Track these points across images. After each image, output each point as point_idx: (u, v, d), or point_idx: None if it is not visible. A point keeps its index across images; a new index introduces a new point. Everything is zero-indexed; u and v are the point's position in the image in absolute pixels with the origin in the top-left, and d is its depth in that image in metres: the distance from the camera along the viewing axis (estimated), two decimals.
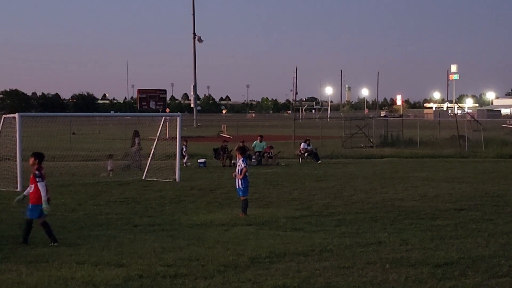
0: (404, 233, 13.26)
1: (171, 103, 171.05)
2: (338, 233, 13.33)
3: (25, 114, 26.13)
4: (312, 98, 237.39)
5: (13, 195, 19.85)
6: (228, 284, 9.27)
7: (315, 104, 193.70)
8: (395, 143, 46.04)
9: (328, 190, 21.07)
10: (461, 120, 50.90)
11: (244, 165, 15.87)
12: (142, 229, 13.90)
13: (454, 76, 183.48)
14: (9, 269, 10.13)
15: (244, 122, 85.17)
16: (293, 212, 16.34)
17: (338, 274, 9.77)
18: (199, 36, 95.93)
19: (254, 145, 34.13)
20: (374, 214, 15.96)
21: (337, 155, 38.69)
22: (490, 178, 25.23)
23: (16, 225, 14.42)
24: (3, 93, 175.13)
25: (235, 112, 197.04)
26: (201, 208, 17.12)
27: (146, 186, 22.47)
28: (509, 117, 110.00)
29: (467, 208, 16.84)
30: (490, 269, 10.03)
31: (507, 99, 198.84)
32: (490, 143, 43.09)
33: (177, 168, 24.81)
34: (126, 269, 10.05)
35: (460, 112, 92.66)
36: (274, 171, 28.77)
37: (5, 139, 23.13)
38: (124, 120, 46.41)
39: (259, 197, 19.14)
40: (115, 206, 17.68)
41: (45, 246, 11.97)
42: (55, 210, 16.84)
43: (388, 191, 20.84)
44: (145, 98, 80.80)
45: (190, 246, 11.96)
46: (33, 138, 31.07)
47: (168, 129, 30.45)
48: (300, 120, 79.40)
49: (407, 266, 10.26)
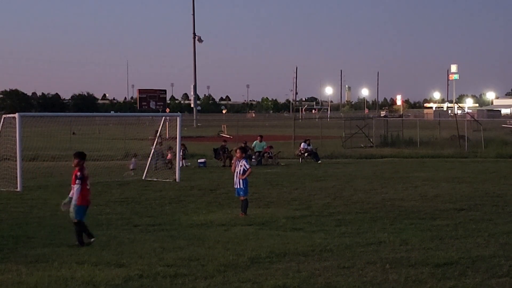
0: (404, 233, 13.26)
1: (171, 103, 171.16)
2: (338, 233, 13.33)
3: (25, 114, 26.11)
4: (312, 98, 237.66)
5: (13, 195, 19.90)
6: (228, 284, 9.27)
7: (315, 104, 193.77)
8: (395, 143, 46.03)
9: (328, 190, 21.06)
10: (461, 120, 50.89)
11: (248, 166, 15.90)
12: (142, 229, 13.89)
13: (454, 76, 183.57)
14: (9, 269, 10.12)
15: (244, 122, 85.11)
16: (293, 212, 16.34)
17: (338, 274, 9.77)
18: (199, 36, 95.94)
19: (254, 145, 34.13)
20: (374, 214, 15.96)
21: (337, 155, 38.67)
22: (490, 178, 25.22)
23: (16, 225, 14.43)
24: (3, 93, 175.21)
25: (235, 112, 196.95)
26: (201, 208, 17.12)
27: (146, 186, 22.47)
28: (509, 117, 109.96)
29: (467, 208, 16.83)
30: (490, 269, 10.03)
31: (507, 99, 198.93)
32: (490, 143, 43.07)
33: (177, 168, 24.81)
34: (126, 269, 10.05)
35: (460, 112, 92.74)
36: (274, 171, 28.77)
37: (5, 139, 23.12)
38: (124, 120, 46.37)
39: (259, 197, 19.14)
40: (115, 206, 17.68)
41: (45, 246, 11.97)
42: (55, 210, 16.86)
43: (388, 191, 20.84)
44: (145, 98, 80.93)
45: (190, 246, 11.96)
46: (33, 138, 31.12)
47: (168, 129, 30.47)
48: (300, 120, 79.40)
49: (407, 266, 10.26)
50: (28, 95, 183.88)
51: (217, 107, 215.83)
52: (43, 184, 22.97)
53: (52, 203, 18.08)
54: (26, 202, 18.35)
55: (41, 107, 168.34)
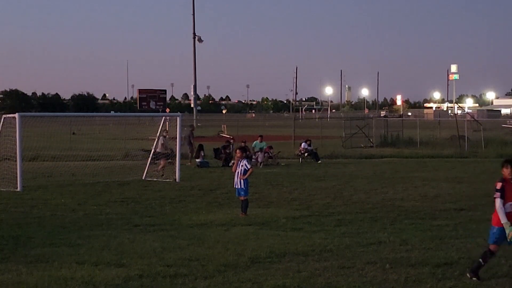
0: (404, 233, 13.26)
1: (171, 103, 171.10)
2: (338, 233, 13.33)
3: (25, 114, 26.12)
4: (312, 98, 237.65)
5: (13, 195, 19.89)
6: (228, 284, 9.27)
7: (315, 104, 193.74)
8: (395, 143, 46.03)
9: (328, 190, 21.06)
10: (461, 120, 50.89)
11: (250, 166, 15.91)
12: (142, 229, 13.89)
13: (454, 76, 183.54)
14: (9, 269, 10.12)
15: (244, 122, 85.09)
16: (293, 212, 16.34)
17: (338, 274, 9.77)
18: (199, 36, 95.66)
19: (254, 145, 34.11)
20: (374, 214, 15.96)
21: (337, 155, 38.65)
22: (490, 178, 25.15)
23: (16, 225, 14.43)
24: (3, 93, 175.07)
25: (235, 112, 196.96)
26: (201, 208, 17.12)
27: (146, 186, 22.47)
28: (509, 117, 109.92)
29: (467, 208, 16.83)
30: (490, 269, 10.02)
31: (507, 99, 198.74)
32: (490, 143, 43.08)
33: (177, 168, 24.81)
34: (126, 269, 10.05)
35: (460, 112, 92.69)
36: (274, 171, 28.76)
37: (5, 139, 23.12)
38: (124, 120, 46.39)
39: (259, 197, 19.14)
40: (115, 206, 17.68)
41: (45, 246, 11.96)
42: (55, 210, 16.88)
43: (388, 191, 20.84)
44: (145, 98, 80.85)
45: (190, 246, 11.96)
46: (33, 138, 31.13)
47: (168, 129, 30.44)
48: (300, 120, 79.37)
49: (407, 266, 10.26)
50: (28, 95, 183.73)
51: (217, 107, 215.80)
52: (43, 184, 22.97)
53: (52, 203, 18.11)
54: (26, 202, 18.35)
55: (41, 107, 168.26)
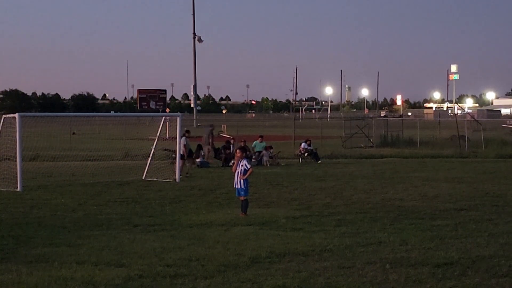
0: (404, 233, 13.25)
1: (171, 103, 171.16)
2: (338, 233, 13.33)
3: (25, 114, 26.09)
4: (312, 98, 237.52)
5: (13, 195, 19.89)
6: (228, 284, 9.27)
7: (315, 104, 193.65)
8: (395, 143, 46.04)
9: (328, 190, 21.06)
10: (461, 120, 50.91)
11: (250, 166, 15.90)
12: (142, 229, 13.88)
13: (454, 76, 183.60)
14: (9, 269, 10.11)
15: (244, 122, 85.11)
16: (293, 212, 16.33)
17: (338, 274, 9.76)
18: (199, 36, 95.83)
19: (254, 145, 34.13)
20: (374, 214, 15.96)
21: (337, 155, 38.66)
22: (490, 178, 25.22)
23: (16, 225, 14.43)
24: (3, 93, 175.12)
25: (235, 112, 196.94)
26: (201, 208, 17.11)
27: (146, 186, 22.47)
28: (509, 117, 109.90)
29: (467, 208, 16.83)
30: (490, 269, 10.02)
31: (507, 99, 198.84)
32: (490, 143, 43.10)
33: (177, 168, 24.81)
34: (126, 269, 10.04)
35: (460, 112, 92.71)
36: (274, 171, 28.76)
37: (5, 139, 23.11)
38: (124, 120, 46.41)
39: (259, 197, 19.13)
40: (115, 206, 17.67)
41: (45, 246, 11.96)
42: (55, 210, 16.88)
43: (388, 191, 20.84)
44: (145, 98, 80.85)
45: (190, 246, 11.95)
46: (33, 138, 31.16)
47: (168, 129, 30.46)
48: (300, 120, 79.39)
49: (407, 266, 10.25)
50: (28, 95, 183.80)
51: (217, 107, 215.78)
52: (43, 184, 22.96)
53: (52, 203, 18.10)
54: (26, 202, 18.34)
55: (41, 107, 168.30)
